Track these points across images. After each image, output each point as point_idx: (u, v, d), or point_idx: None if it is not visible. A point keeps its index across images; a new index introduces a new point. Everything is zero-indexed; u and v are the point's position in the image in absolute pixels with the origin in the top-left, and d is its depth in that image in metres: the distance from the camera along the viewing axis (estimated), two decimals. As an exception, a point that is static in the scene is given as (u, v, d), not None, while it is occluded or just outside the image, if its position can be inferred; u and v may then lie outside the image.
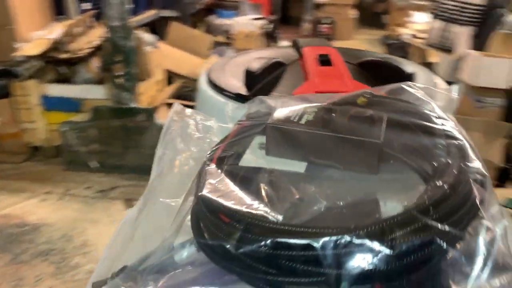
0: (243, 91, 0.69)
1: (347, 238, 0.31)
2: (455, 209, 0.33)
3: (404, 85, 0.49)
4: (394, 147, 0.43)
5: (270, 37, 4.36)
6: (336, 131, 0.44)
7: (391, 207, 0.40)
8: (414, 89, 0.48)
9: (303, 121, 0.45)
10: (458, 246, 0.33)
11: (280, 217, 0.37)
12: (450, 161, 0.37)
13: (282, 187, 0.43)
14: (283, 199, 0.40)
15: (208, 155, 0.47)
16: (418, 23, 3.64)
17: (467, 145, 0.39)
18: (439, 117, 0.43)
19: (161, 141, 0.60)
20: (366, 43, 5.04)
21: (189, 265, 0.39)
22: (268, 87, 0.70)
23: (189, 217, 0.42)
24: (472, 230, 0.34)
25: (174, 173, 0.53)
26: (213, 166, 0.44)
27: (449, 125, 0.42)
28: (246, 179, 0.43)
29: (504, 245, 0.33)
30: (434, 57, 2.97)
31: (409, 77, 0.72)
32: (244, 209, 0.36)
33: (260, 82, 0.70)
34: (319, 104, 0.49)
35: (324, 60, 0.74)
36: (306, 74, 0.70)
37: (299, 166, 0.45)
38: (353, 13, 5.50)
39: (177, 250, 0.41)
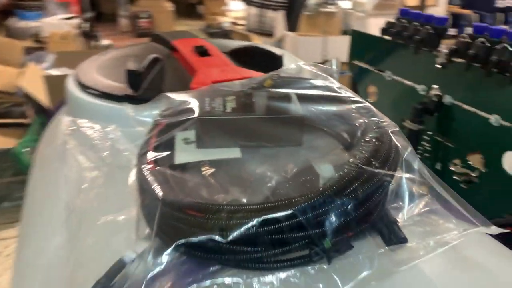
0: (131, 92, 0.66)
1: (320, 200, 0.36)
2: (387, 156, 0.40)
3: (301, 65, 0.55)
4: (312, 119, 0.49)
5: (88, 37, 4.06)
6: (261, 113, 0.47)
7: (324, 169, 0.45)
8: (309, 68, 0.55)
9: (228, 109, 0.47)
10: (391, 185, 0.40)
11: (245, 200, 0.39)
12: (366, 120, 0.44)
13: (229, 174, 0.44)
14: (237, 184, 0.42)
15: (140, 159, 0.45)
16: (235, 11, 3.88)
17: (371, 106, 0.47)
18: (340, 88, 0.51)
19: (58, 159, 0.54)
20: (188, 34, 5.13)
21: (161, 273, 0.38)
22: (155, 84, 0.69)
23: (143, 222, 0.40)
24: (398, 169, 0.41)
25: (95, 189, 0.49)
26: (152, 168, 0.43)
27: (350, 93, 0.50)
28: (189, 176, 0.43)
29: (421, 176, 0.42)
30: (257, 41, 3.22)
31: (280, 59, 0.80)
32: (215, 200, 0.37)
33: (144, 80, 0.68)
34: (236, 91, 0.51)
35: (202, 51, 0.75)
36: (190, 66, 0.71)
37: (234, 152, 0.47)
38: (169, 6, 5.51)
39: (140, 260, 0.39)
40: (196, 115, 0.47)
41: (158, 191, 0.38)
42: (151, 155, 0.45)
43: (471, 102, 0.81)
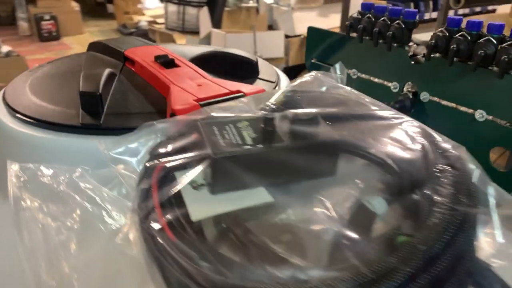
0: (89, 119, 0.53)
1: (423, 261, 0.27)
2: (469, 187, 0.33)
3: (313, 75, 0.47)
4: (346, 142, 0.40)
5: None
6: (288, 141, 0.38)
7: (376, 204, 0.38)
8: (322, 77, 0.46)
9: (248, 141, 0.37)
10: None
11: (316, 272, 0.30)
12: (423, 143, 0.37)
13: (269, 228, 0.35)
14: (287, 243, 0.33)
15: (145, 224, 0.33)
16: (152, 9, 3.67)
17: (419, 124, 0.40)
18: (369, 102, 0.43)
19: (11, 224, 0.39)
20: (100, 35, 4.78)
21: None
22: (117, 108, 0.55)
23: None
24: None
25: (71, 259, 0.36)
26: (171, 237, 0.31)
27: (384, 106, 0.42)
28: (221, 241, 0.33)
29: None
30: (181, 40, 3.07)
31: (256, 65, 0.70)
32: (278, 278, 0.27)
33: (104, 103, 0.55)
34: (248, 116, 0.41)
35: (166, 62, 0.63)
36: (159, 82, 0.59)
37: (261, 195, 0.37)
38: (74, 5, 5.08)
39: None
40: (207, 151, 0.36)
41: (203, 275, 0.27)
42: (160, 216, 0.33)
43: (450, 97, 0.79)
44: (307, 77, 0.47)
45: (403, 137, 0.38)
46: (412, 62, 0.83)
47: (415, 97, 0.84)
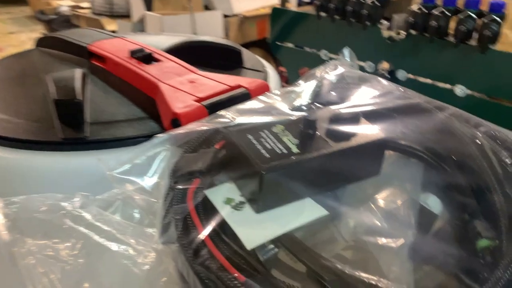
0: (72, 132, 0.44)
1: None
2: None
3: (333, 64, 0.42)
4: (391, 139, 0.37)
5: None
6: (335, 144, 0.34)
7: (432, 202, 0.35)
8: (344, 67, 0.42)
9: (293, 149, 0.32)
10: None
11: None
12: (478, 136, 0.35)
13: (331, 248, 0.31)
14: (360, 263, 0.29)
15: (191, 252, 0.27)
16: (72, -8, 3.37)
17: (462, 111, 0.38)
18: (406, 92, 0.40)
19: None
20: (13, 23, 4.33)
21: None
22: (101, 114, 0.48)
23: None
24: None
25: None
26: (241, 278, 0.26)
27: (418, 95, 0.40)
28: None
29: None
30: (111, 25, 2.86)
31: (239, 54, 0.65)
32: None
33: (81, 110, 0.47)
34: (279, 119, 0.36)
35: (144, 57, 0.55)
36: (143, 81, 0.51)
37: (313, 208, 0.33)
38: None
39: None
40: (252, 165, 0.31)
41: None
42: (216, 252, 0.28)
43: (428, 74, 0.79)
44: (326, 68, 0.43)
45: (453, 129, 0.35)
46: (388, 41, 0.82)
47: (392, 76, 0.83)
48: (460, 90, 0.74)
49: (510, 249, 0.27)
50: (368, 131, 0.35)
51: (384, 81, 0.41)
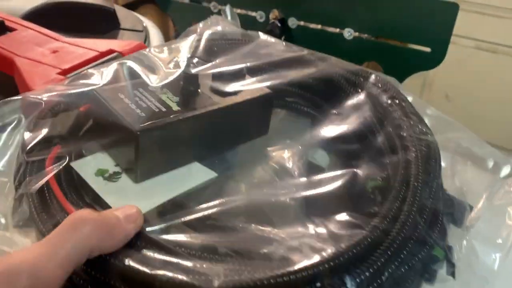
0: None
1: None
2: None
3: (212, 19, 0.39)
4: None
5: None
6: (221, 101, 0.31)
7: (320, 157, 0.34)
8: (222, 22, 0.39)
9: (174, 106, 0.29)
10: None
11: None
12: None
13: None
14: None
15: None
16: None
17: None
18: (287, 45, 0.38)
19: None
20: None
21: None
22: None
23: None
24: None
25: None
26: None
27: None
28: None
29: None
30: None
31: (113, 15, 0.58)
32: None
33: None
34: (156, 77, 0.32)
35: (-6, 26, 0.47)
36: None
37: (200, 171, 0.30)
38: None
39: None
40: (123, 126, 0.27)
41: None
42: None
43: (318, 20, 0.78)
44: (206, 22, 0.39)
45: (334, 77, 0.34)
46: (275, -12, 0.79)
47: (283, 24, 0.82)
48: (348, 33, 0.75)
49: (396, 185, 0.27)
50: (254, 86, 0.33)
51: (267, 37, 0.39)
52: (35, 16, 0.52)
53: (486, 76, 1.39)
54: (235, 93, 0.31)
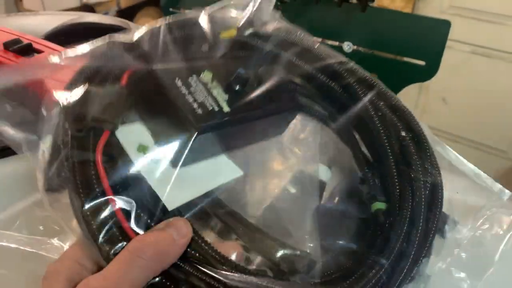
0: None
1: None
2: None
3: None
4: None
5: None
6: (258, 106, 0.33)
7: (322, 172, 0.39)
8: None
9: (224, 107, 0.31)
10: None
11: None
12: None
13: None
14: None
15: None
16: None
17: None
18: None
19: None
20: None
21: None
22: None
23: None
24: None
25: None
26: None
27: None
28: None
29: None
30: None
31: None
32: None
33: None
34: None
35: (22, 48, 0.51)
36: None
37: (230, 168, 0.33)
38: None
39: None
40: (183, 119, 0.29)
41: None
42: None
43: (319, 33, 0.83)
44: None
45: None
46: (279, 2, 0.83)
47: (285, 36, 0.86)
48: (347, 46, 0.79)
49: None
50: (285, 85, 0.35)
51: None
52: (56, 36, 0.57)
53: (481, 80, 1.44)
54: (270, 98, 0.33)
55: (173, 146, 0.29)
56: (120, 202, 0.26)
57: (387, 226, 0.31)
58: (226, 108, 0.31)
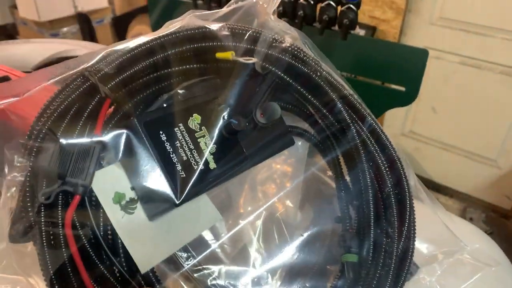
0: None
1: None
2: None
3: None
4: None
5: None
6: (249, 160, 0.32)
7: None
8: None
9: (210, 163, 0.29)
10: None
11: None
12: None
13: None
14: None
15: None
16: None
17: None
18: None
19: None
20: None
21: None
22: None
23: None
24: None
25: None
26: None
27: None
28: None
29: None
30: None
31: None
32: None
33: None
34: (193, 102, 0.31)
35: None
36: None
37: (210, 214, 0.31)
38: None
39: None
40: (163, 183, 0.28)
41: None
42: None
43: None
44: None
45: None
46: (263, 27, 0.85)
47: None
48: (331, 71, 0.80)
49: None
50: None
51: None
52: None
53: (470, 90, 1.45)
54: (264, 147, 0.32)
55: (152, 200, 0.27)
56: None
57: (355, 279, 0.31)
58: (212, 165, 0.29)
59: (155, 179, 0.28)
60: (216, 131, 0.30)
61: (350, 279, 0.32)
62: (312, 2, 0.76)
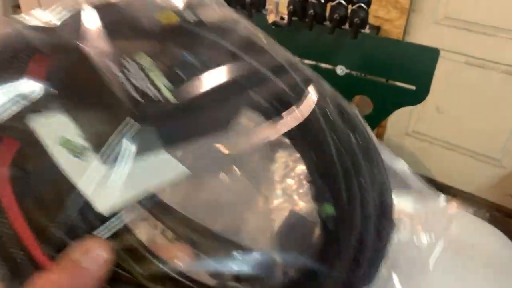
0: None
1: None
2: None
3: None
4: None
5: None
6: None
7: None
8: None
9: (167, 95, 0.24)
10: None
11: None
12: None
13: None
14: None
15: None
16: None
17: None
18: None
19: None
20: None
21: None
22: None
23: None
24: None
25: None
26: None
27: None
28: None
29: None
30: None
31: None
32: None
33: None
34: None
35: None
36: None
37: (172, 166, 0.25)
38: None
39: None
40: (119, 108, 0.22)
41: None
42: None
43: (312, 57, 0.85)
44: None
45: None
46: (273, 26, 0.85)
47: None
48: (340, 70, 0.81)
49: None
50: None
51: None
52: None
53: (475, 90, 1.46)
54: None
55: (106, 140, 0.22)
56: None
57: (337, 234, 0.28)
58: (170, 98, 0.24)
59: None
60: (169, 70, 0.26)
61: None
62: (322, 1, 0.76)
